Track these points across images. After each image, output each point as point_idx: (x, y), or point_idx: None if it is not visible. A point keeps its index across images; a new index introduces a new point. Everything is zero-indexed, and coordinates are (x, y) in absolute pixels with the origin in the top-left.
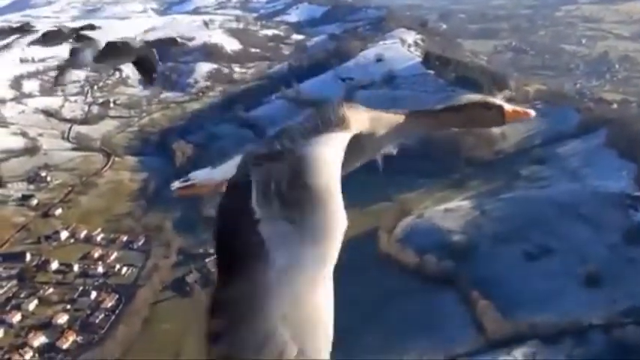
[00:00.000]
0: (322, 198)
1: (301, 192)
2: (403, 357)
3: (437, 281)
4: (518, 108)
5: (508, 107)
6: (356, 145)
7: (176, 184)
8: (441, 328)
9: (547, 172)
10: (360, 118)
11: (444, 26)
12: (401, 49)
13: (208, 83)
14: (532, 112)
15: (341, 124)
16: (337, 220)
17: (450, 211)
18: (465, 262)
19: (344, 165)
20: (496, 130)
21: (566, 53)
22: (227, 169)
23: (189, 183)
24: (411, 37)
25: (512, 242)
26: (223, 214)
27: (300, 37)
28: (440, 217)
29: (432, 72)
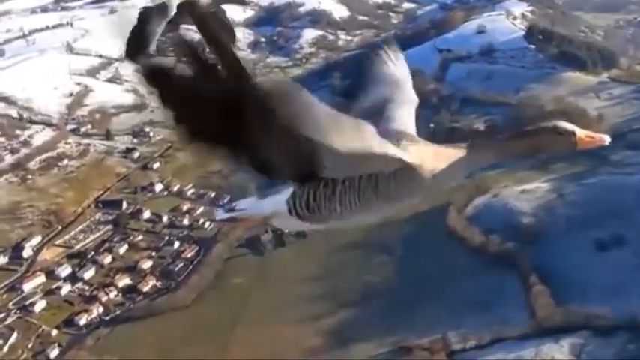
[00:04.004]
0: None
1: None
2: (448, 333)
3: (499, 262)
4: (592, 134)
5: (580, 133)
6: (415, 178)
7: (220, 215)
8: (494, 308)
9: (638, 159)
10: (420, 152)
11: None
12: (505, 21)
13: (313, 49)
14: (607, 139)
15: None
16: None
17: (526, 192)
18: (529, 246)
19: (404, 198)
20: (593, 112)
21: None
22: (275, 203)
23: (233, 216)
24: (520, 8)
25: (585, 229)
26: None
27: (411, 5)
28: (514, 197)
29: (533, 46)
